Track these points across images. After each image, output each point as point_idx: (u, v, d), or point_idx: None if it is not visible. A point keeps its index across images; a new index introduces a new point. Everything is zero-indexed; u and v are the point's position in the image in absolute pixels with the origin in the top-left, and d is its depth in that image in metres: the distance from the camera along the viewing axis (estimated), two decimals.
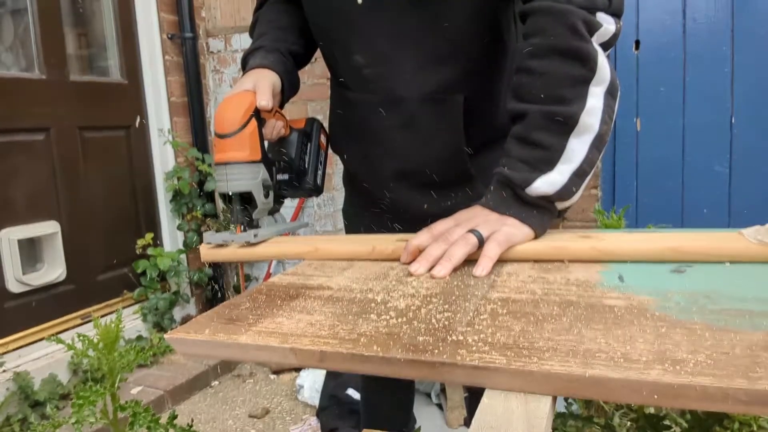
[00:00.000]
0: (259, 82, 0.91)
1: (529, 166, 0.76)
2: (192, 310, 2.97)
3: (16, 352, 2.22)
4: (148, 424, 0.91)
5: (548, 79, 0.76)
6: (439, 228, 0.76)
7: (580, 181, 0.77)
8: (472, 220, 0.76)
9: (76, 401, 0.88)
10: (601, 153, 0.78)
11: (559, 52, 0.76)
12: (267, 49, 0.99)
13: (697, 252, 0.68)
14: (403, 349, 0.47)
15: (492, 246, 0.71)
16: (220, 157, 0.85)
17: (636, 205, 2.29)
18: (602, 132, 0.77)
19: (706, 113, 2.16)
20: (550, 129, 0.75)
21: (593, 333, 0.48)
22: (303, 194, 1.07)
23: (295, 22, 1.04)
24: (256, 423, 2.21)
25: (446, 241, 0.73)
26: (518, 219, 0.75)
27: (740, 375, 0.39)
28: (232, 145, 0.85)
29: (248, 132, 0.85)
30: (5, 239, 2.19)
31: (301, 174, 1.03)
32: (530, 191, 0.75)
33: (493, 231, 0.73)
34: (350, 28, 0.92)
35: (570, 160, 0.76)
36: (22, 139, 2.29)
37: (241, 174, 0.85)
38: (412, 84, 0.93)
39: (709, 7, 2.12)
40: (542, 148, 0.76)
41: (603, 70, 0.77)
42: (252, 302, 0.64)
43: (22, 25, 2.34)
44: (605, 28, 0.78)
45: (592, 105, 0.76)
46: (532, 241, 0.75)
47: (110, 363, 0.95)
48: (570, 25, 0.76)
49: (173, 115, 2.91)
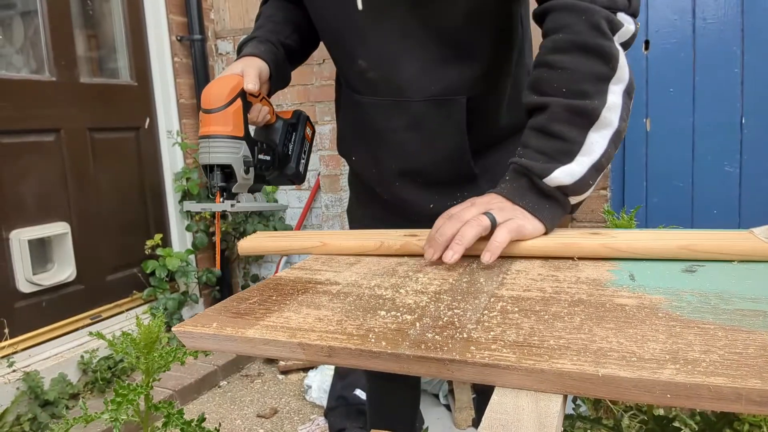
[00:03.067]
0: (247, 67, 0.94)
1: (547, 157, 0.76)
2: (200, 310, 2.97)
3: (26, 351, 2.24)
4: (182, 426, 0.92)
5: (570, 74, 0.76)
6: (453, 210, 0.76)
7: (597, 174, 0.77)
8: (487, 204, 0.75)
9: (114, 398, 0.88)
10: (617, 149, 0.79)
11: (582, 48, 0.76)
12: (260, 39, 1.02)
13: (708, 250, 0.67)
14: (412, 346, 0.47)
15: (502, 232, 0.71)
16: (204, 130, 0.90)
17: (646, 205, 2.28)
18: (620, 129, 0.77)
19: (716, 113, 2.15)
20: (572, 122, 0.76)
21: (605, 332, 0.48)
22: (285, 181, 1.10)
23: (292, 18, 1.07)
24: (264, 423, 2.21)
25: (459, 220, 0.72)
26: (530, 211, 0.74)
27: (754, 375, 0.38)
28: (217, 120, 0.89)
29: (233, 109, 0.90)
30: (16, 240, 2.20)
31: (284, 159, 1.07)
32: (549, 181, 0.75)
33: (506, 219, 0.73)
34: (353, 33, 0.94)
35: (590, 153, 0.76)
36: (32, 140, 2.31)
37: (223, 147, 0.90)
38: (417, 86, 0.94)
39: (719, 7, 2.11)
40: (562, 139, 0.76)
41: (623, 69, 0.77)
42: (260, 296, 0.64)
43: (32, 27, 2.36)
44: (626, 28, 0.79)
45: (612, 102, 0.76)
46: (542, 237, 0.74)
47: (149, 363, 0.96)
48: (594, 23, 0.76)
49: (182, 117, 2.92)
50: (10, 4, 2.36)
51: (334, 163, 2.80)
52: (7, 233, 2.20)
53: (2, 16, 2.35)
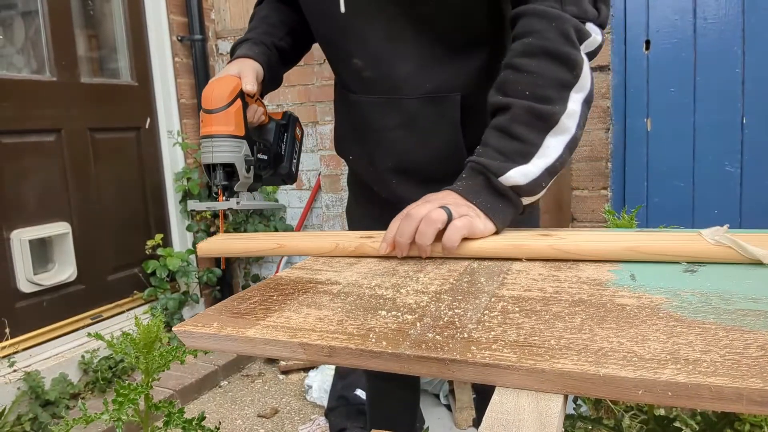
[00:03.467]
0: (244, 69, 0.96)
1: (504, 157, 0.78)
2: (201, 310, 2.97)
3: (27, 351, 2.24)
4: (183, 424, 0.92)
5: (535, 78, 0.79)
6: (408, 209, 0.77)
7: (550, 178, 0.79)
8: (442, 200, 0.76)
9: (116, 398, 0.89)
10: (572, 154, 0.82)
11: (549, 54, 0.79)
12: (254, 41, 1.03)
13: (654, 252, 0.68)
14: (412, 346, 0.47)
15: (453, 230, 0.72)
16: (206, 130, 0.91)
17: (646, 205, 2.27)
18: (577, 135, 0.80)
19: (717, 113, 2.14)
20: (532, 124, 0.78)
21: (605, 332, 0.48)
22: (278, 180, 1.11)
23: (286, 20, 1.08)
24: (265, 423, 2.21)
25: (416, 218, 0.73)
26: (483, 210, 0.76)
27: (755, 375, 0.38)
28: (219, 120, 0.90)
29: (234, 109, 0.91)
30: (16, 240, 2.21)
31: (278, 159, 1.08)
32: (504, 180, 0.77)
33: (460, 215, 0.74)
34: (343, 33, 0.95)
35: (545, 156, 0.78)
36: (33, 140, 2.31)
37: (226, 146, 0.91)
38: (412, 84, 0.95)
39: (719, 7, 2.10)
40: (520, 141, 0.78)
41: (585, 78, 0.80)
42: (260, 296, 0.64)
43: (33, 27, 2.36)
44: (593, 38, 0.82)
45: (572, 109, 0.79)
46: (492, 237, 0.75)
47: (148, 362, 0.96)
48: (563, 30, 0.79)
49: (183, 117, 2.92)
50: (11, 4, 2.37)
51: (335, 163, 2.80)
52: (8, 233, 2.20)
53: (3, 16, 2.35)
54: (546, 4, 0.80)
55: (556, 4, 0.80)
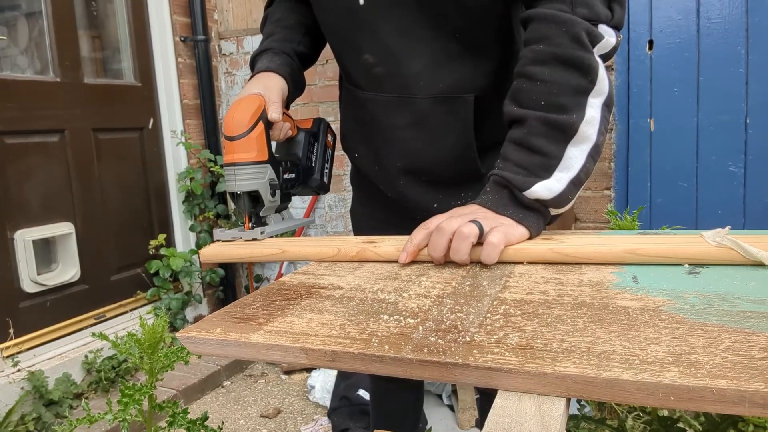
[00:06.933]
0: (269, 90, 0.93)
1: (527, 171, 0.76)
2: (204, 310, 2.98)
3: (31, 351, 2.25)
4: (187, 425, 0.92)
5: (549, 87, 0.76)
6: (435, 222, 0.75)
7: (576, 189, 0.77)
8: (472, 214, 0.75)
9: (121, 399, 0.89)
10: (596, 162, 0.79)
11: (561, 60, 0.76)
12: (274, 51, 1.01)
13: (655, 255, 0.67)
14: (414, 350, 0.47)
15: (495, 234, 0.71)
16: (229, 158, 0.89)
17: (650, 206, 2.27)
18: (599, 142, 0.77)
19: (721, 113, 2.14)
20: (550, 136, 0.76)
21: (608, 334, 0.48)
22: (310, 192, 1.09)
23: (302, 21, 1.06)
24: (268, 423, 2.21)
25: (447, 232, 0.71)
26: (515, 219, 0.74)
27: (758, 378, 0.38)
28: (240, 147, 0.88)
29: (255, 134, 0.89)
30: (20, 240, 2.21)
31: (308, 172, 1.06)
32: (528, 194, 0.75)
33: (493, 227, 0.72)
34: (358, 27, 0.92)
35: (568, 168, 0.76)
36: (37, 140, 2.32)
37: (249, 174, 0.89)
38: (423, 83, 0.93)
39: (723, 6, 2.10)
40: (541, 154, 0.76)
41: (602, 82, 0.77)
42: (263, 301, 0.64)
43: (36, 28, 2.37)
44: (606, 41, 0.79)
45: (591, 115, 0.76)
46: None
47: (153, 363, 0.96)
48: (574, 34, 0.76)
49: (186, 117, 2.93)
50: (15, 6, 2.37)
51: (338, 163, 2.80)
52: (11, 233, 2.20)
53: (7, 17, 2.36)
54: (556, 8, 0.78)
55: (567, 7, 0.77)
